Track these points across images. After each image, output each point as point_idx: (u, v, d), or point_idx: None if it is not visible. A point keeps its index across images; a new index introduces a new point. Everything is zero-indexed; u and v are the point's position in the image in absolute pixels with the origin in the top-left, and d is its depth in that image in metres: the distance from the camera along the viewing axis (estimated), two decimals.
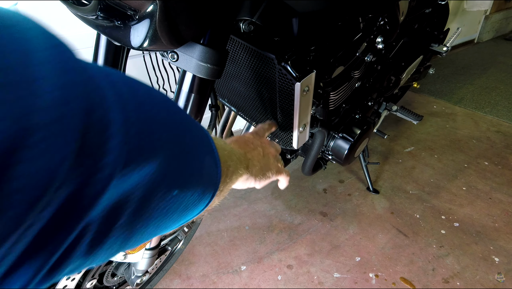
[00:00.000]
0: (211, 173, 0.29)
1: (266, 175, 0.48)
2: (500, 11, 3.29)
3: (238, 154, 0.41)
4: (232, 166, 0.36)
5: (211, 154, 0.29)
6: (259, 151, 0.49)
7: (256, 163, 0.46)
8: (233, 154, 0.38)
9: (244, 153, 0.45)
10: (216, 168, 0.30)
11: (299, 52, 0.59)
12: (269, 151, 0.52)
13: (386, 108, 1.33)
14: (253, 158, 0.46)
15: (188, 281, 1.07)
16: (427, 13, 1.33)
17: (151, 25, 0.41)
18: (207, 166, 0.28)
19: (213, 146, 0.30)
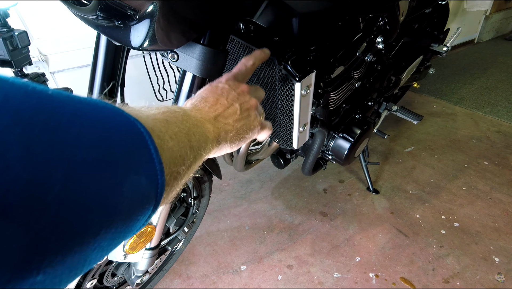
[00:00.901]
0: (142, 195, 0.21)
1: (245, 137, 0.40)
2: (500, 11, 3.29)
3: (201, 130, 0.32)
4: (190, 158, 0.29)
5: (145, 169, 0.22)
6: (235, 108, 0.39)
7: (230, 128, 0.38)
8: (193, 135, 0.30)
9: (215, 117, 0.36)
10: (154, 184, 0.22)
11: (299, 52, 0.59)
12: (249, 104, 0.41)
13: (386, 108, 1.33)
14: (227, 121, 0.38)
15: (188, 281, 1.07)
16: (427, 13, 1.33)
17: (151, 25, 0.41)
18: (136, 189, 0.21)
19: (151, 152, 0.22)
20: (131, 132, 0.22)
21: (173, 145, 0.26)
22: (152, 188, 0.22)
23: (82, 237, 0.17)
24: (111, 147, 0.20)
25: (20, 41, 0.71)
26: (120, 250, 0.67)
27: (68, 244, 0.16)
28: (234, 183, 1.49)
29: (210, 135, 0.34)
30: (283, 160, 1.07)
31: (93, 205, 0.18)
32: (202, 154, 0.32)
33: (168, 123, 0.27)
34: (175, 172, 0.26)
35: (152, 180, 0.22)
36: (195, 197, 0.93)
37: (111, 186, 0.19)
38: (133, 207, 0.21)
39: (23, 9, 1.04)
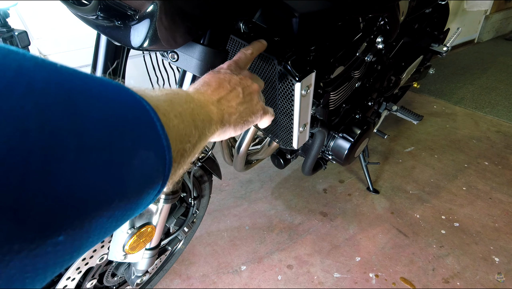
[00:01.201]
0: (151, 170, 0.22)
1: (248, 120, 0.41)
2: (500, 11, 3.29)
3: (205, 111, 0.33)
4: (195, 136, 0.29)
5: (153, 145, 0.22)
6: (237, 92, 0.40)
7: (233, 110, 0.38)
8: (197, 116, 0.30)
9: (218, 100, 0.37)
10: (162, 159, 0.23)
11: (299, 52, 0.59)
12: (251, 89, 0.42)
13: (386, 108, 1.33)
14: (230, 103, 0.38)
15: (188, 281, 1.07)
16: (427, 13, 1.33)
17: (151, 25, 0.41)
18: (145, 164, 0.21)
19: (158, 128, 0.23)
20: (137, 109, 0.22)
21: (178, 122, 0.26)
22: (160, 163, 0.23)
23: (97, 204, 0.18)
24: (120, 121, 0.20)
25: (20, 41, 0.71)
26: (120, 250, 0.67)
27: (84, 209, 0.17)
28: (234, 183, 1.49)
29: (214, 116, 0.34)
30: (283, 160, 1.07)
31: (106, 175, 0.18)
32: (206, 134, 0.32)
33: (172, 104, 0.27)
34: (181, 149, 0.27)
35: (160, 156, 0.23)
36: (195, 197, 0.93)
37: (121, 158, 0.20)
38: (143, 181, 0.21)
39: (23, 9, 1.04)
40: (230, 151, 0.99)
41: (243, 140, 0.89)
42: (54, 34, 1.11)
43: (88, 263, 0.70)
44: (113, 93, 0.21)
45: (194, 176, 0.90)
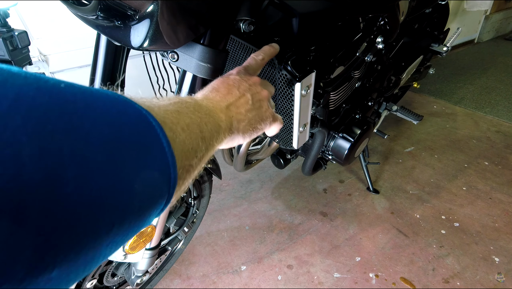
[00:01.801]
0: (154, 190, 0.21)
1: (257, 128, 0.40)
2: (500, 11, 3.29)
3: (213, 120, 0.32)
4: (202, 150, 0.28)
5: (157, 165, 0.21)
6: (247, 99, 0.39)
7: (242, 117, 0.37)
8: (205, 126, 0.29)
9: (227, 106, 0.36)
10: (166, 179, 0.22)
11: (299, 52, 0.59)
12: (261, 96, 0.41)
13: (386, 108, 1.33)
14: (239, 110, 0.37)
15: (188, 281, 1.07)
16: (427, 13, 1.33)
17: (151, 25, 0.41)
18: (148, 185, 0.20)
19: (164, 145, 0.22)
20: (143, 126, 0.21)
21: (185, 137, 0.26)
22: (165, 182, 0.22)
23: (94, 234, 0.17)
24: (124, 142, 0.19)
25: (20, 41, 0.71)
26: (120, 250, 0.67)
27: (81, 241, 0.16)
28: (234, 183, 1.49)
29: (222, 124, 0.34)
30: (283, 160, 1.07)
31: (106, 202, 0.18)
32: (214, 144, 0.31)
33: (179, 114, 0.27)
34: (188, 164, 0.26)
35: (164, 175, 0.22)
36: (195, 197, 0.93)
37: (123, 183, 0.19)
38: (145, 202, 0.21)
39: (23, 9, 1.04)
40: (230, 151, 0.99)
41: None
42: (54, 34, 1.11)
43: None
44: (118, 110, 0.20)
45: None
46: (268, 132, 0.46)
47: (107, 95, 0.20)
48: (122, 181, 0.19)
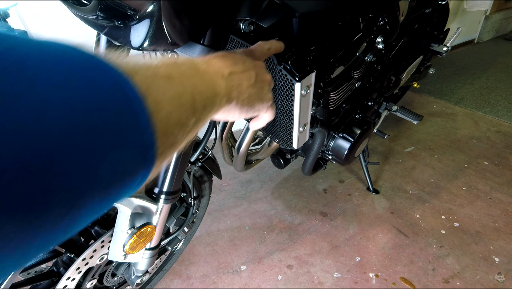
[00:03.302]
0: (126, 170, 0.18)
1: (254, 106, 0.38)
2: (500, 11, 3.29)
3: (210, 87, 0.29)
4: (190, 124, 0.25)
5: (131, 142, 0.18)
6: (250, 75, 0.37)
7: (243, 90, 0.35)
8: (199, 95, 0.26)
9: (229, 74, 0.33)
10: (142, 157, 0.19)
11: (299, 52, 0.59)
12: (264, 78, 0.40)
13: (386, 108, 1.33)
14: (241, 82, 0.35)
15: (188, 281, 1.07)
16: (427, 13, 1.33)
17: (151, 25, 0.41)
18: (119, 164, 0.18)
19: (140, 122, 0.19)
20: (115, 99, 0.18)
21: (173, 108, 0.22)
22: (139, 163, 0.19)
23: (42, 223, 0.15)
24: (86, 119, 0.16)
25: None
26: (120, 250, 0.67)
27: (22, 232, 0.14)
28: (234, 183, 1.49)
29: (221, 91, 0.31)
30: (283, 160, 1.07)
31: (57, 191, 0.15)
32: (206, 116, 0.29)
33: (170, 81, 0.23)
34: (171, 141, 0.23)
35: (139, 154, 0.19)
36: (195, 197, 0.93)
37: (84, 166, 0.16)
38: (112, 184, 0.18)
39: (23, 9, 1.04)
40: (230, 151, 0.99)
41: (243, 141, 0.89)
42: (54, 34, 1.11)
43: (88, 263, 0.70)
44: (83, 77, 0.17)
45: (194, 176, 0.90)
46: (261, 120, 0.44)
47: (71, 57, 0.17)
48: (83, 163, 0.15)
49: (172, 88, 0.23)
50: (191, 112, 0.25)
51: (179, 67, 0.26)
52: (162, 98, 0.22)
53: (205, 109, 0.28)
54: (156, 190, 0.71)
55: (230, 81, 0.33)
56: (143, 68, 0.22)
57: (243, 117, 0.38)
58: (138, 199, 0.67)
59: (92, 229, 0.74)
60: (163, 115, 0.21)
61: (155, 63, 0.24)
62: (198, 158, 0.80)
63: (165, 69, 0.24)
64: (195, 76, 0.27)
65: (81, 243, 0.73)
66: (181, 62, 0.27)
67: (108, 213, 0.77)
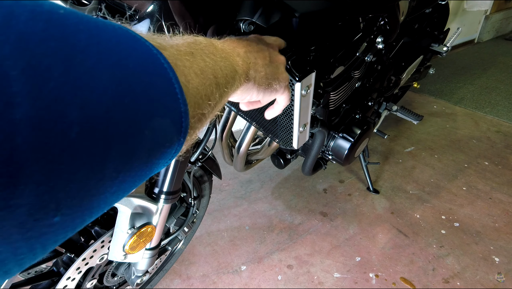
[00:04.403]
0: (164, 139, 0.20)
1: (272, 85, 0.38)
2: (500, 11, 3.29)
3: (229, 64, 0.30)
4: (215, 98, 0.26)
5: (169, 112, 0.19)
6: (265, 54, 0.37)
7: (260, 68, 0.35)
8: (220, 71, 0.27)
9: (245, 52, 0.34)
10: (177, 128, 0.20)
11: (299, 52, 0.59)
12: (278, 58, 0.40)
13: (386, 108, 1.33)
14: (257, 61, 0.35)
15: (188, 281, 1.07)
16: (427, 13, 1.33)
17: (151, 25, 0.41)
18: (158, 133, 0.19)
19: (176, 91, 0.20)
20: (154, 68, 0.19)
21: (199, 83, 0.23)
22: (175, 131, 0.20)
23: (99, 181, 0.16)
24: (132, 84, 0.17)
25: None
26: (120, 250, 0.67)
27: (84, 188, 0.15)
28: (234, 183, 1.49)
29: (239, 69, 0.31)
30: (283, 160, 1.07)
31: (112, 150, 0.16)
32: (228, 92, 0.29)
33: (193, 57, 0.24)
34: (200, 113, 0.24)
35: (176, 123, 0.20)
36: (195, 197, 0.93)
37: (131, 129, 0.17)
38: (154, 151, 0.19)
39: None
40: (230, 151, 0.99)
41: (243, 140, 0.89)
42: None
43: (88, 263, 0.70)
44: (127, 47, 0.18)
45: (194, 176, 0.90)
46: (277, 106, 0.44)
47: (114, 28, 0.18)
48: (130, 127, 0.17)
49: (195, 64, 0.24)
50: (215, 86, 0.26)
51: (199, 45, 0.27)
52: (188, 72, 0.23)
53: (227, 85, 0.28)
54: (156, 190, 0.71)
55: (246, 59, 0.34)
56: (168, 46, 0.23)
57: (260, 97, 0.38)
58: (138, 199, 0.67)
59: (92, 229, 0.74)
60: (192, 88, 0.22)
61: (176, 41, 0.25)
62: (198, 158, 0.80)
63: (187, 47, 0.25)
64: (215, 53, 0.28)
65: (81, 243, 0.73)
66: (200, 40, 0.28)
67: (108, 213, 0.77)
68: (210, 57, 0.27)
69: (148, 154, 0.19)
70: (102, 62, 0.16)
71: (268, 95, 0.38)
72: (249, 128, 0.87)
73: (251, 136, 0.88)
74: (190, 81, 0.22)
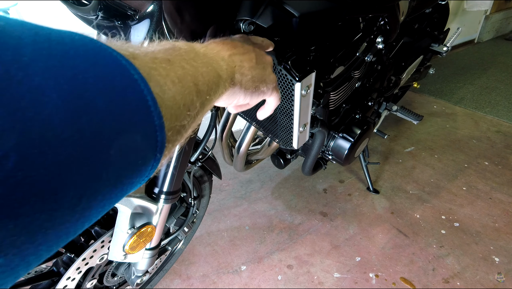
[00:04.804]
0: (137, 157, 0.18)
1: (259, 88, 0.37)
2: (500, 11, 3.29)
3: (212, 69, 0.28)
4: (196, 107, 0.24)
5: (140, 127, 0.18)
6: (251, 56, 0.36)
7: (246, 71, 0.34)
8: (201, 77, 0.26)
9: (230, 56, 0.33)
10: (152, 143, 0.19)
11: (299, 52, 0.59)
12: (265, 59, 0.39)
13: (386, 108, 1.33)
14: (243, 64, 0.34)
15: (188, 281, 1.07)
16: (427, 13, 1.33)
17: (151, 25, 0.41)
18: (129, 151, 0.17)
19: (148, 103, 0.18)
20: (121, 80, 0.17)
21: (176, 92, 0.22)
22: (149, 148, 0.19)
23: (53, 212, 0.14)
24: (92, 101, 0.15)
25: None
26: (120, 250, 0.67)
27: (33, 224, 0.13)
28: (234, 183, 1.49)
29: (223, 74, 0.30)
30: (283, 160, 1.07)
31: (67, 177, 0.14)
32: (211, 99, 0.28)
33: (170, 64, 0.23)
34: (178, 125, 0.22)
35: (149, 139, 0.19)
36: (195, 197, 0.93)
37: (92, 151, 0.15)
38: (124, 171, 0.17)
39: (23, 9, 1.04)
40: (230, 151, 0.99)
41: (243, 140, 0.89)
42: None
43: (88, 263, 0.70)
44: (85, 58, 0.16)
45: (194, 176, 0.90)
46: (267, 107, 0.43)
47: (72, 40, 0.16)
48: (89, 149, 0.15)
49: (173, 72, 0.22)
50: (196, 95, 0.24)
51: (178, 51, 0.25)
52: (164, 82, 0.21)
53: (210, 92, 0.27)
54: (156, 190, 0.71)
55: (231, 63, 0.32)
56: (141, 54, 0.21)
57: (248, 101, 0.37)
58: (138, 199, 0.67)
59: (92, 229, 0.74)
60: (168, 98, 0.21)
61: (152, 48, 0.24)
62: (198, 158, 0.80)
63: (164, 54, 0.23)
64: (195, 59, 0.26)
65: (81, 243, 0.73)
66: (180, 46, 0.26)
67: (108, 213, 0.77)
68: (190, 64, 0.25)
69: (118, 175, 0.17)
70: (51, 79, 0.14)
71: (256, 98, 0.37)
72: (249, 128, 0.87)
73: (251, 136, 0.88)
74: (166, 92, 0.21)
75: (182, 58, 0.25)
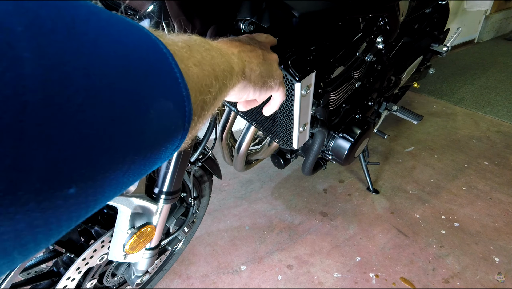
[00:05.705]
0: (170, 122, 0.20)
1: (268, 83, 0.38)
2: (500, 11, 3.29)
3: (226, 60, 0.30)
4: (215, 88, 0.26)
5: (171, 94, 0.20)
6: (258, 53, 0.38)
7: (254, 67, 0.36)
8: (218, 65, 0.28)
9: (239, 52, 0.35)
10: (181, 111, 0.21)
11: (299, 52, 0.59)
12: (271, 56, 0.41)
13: (386, 108, 1.33)
14: (251, 60, 0.36)
15: (188, 281, 1.07)
16: (427, 13, 1.33)
17: (151, 25, 0.41)
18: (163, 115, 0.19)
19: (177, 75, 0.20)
20: (154, 52, 0.19)
21: (198, 71, 0.24)
22: (180, 115, 0.20)
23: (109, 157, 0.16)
24: (135, 63, 0.17)
25: None
26: (120, 250, 0.67)
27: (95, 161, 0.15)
28: (234, 183, 1.49)
29: (235, 66, 0.32)
30: (283, 160, 1.07)
31: (119, 124, 0.16)
32: (227, 86, 0.29)
33: (190, 50, 0.25)
34: (202, 100, 0.24)
35: (179, 106, 0.20)
36: (195, 197, 0.93)
37: (137, 106, 0.17)
38: (161, 134, 0.19)
39: None
40: (230, 151, 0.99)
41: (243, 140, 0.89)
42: None
43: (88, 263, 0.70)
44: (125, 29, 0.18)
45: (194, 176, 0.90)
46: (273, 102, 0.44)
47: (110, 12, 0.18)
48: (136, 104, 0.17)
49: (193, 56, 0.24)
50: (214, 78, 0.26)
51: (195, 41, 0.27)
52: (187, 62, 0.23)
53: (225, 79, 0.28)
54: (156, 190, 0.71)
55: (241, 58, 0.34)
56: (165, 36, 0.23)
57: (256, 96, 0.38)
58: (138, 199, 0.67)
59: (92, 229, 0.74)
60: (191, 74, 0.23)
61: (172, 36, 0.25)
62: (198, 158, 0.80)
63: (183, 42, 0.25)
64: (211, 50, 0.28)
65: (81, 243, 0.73)
66: (195, 38, 0.28)
67: (108, 213, 0.77)
68: (207, 52, 0.27)
69: (155, 136, 0.19)
70: (102, 35, 0.16)
71: (264, 93, 0.39)
72: (249, 128, 0.87)
73: (251, 136, 0.88)
74: (189, 69, 0.23)
75: (199, 47, 0.26)
